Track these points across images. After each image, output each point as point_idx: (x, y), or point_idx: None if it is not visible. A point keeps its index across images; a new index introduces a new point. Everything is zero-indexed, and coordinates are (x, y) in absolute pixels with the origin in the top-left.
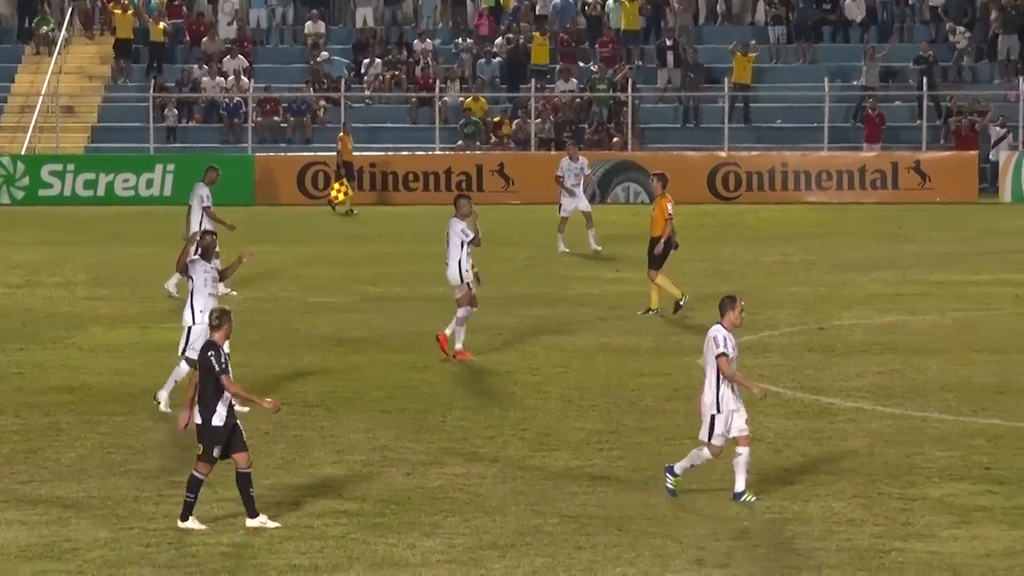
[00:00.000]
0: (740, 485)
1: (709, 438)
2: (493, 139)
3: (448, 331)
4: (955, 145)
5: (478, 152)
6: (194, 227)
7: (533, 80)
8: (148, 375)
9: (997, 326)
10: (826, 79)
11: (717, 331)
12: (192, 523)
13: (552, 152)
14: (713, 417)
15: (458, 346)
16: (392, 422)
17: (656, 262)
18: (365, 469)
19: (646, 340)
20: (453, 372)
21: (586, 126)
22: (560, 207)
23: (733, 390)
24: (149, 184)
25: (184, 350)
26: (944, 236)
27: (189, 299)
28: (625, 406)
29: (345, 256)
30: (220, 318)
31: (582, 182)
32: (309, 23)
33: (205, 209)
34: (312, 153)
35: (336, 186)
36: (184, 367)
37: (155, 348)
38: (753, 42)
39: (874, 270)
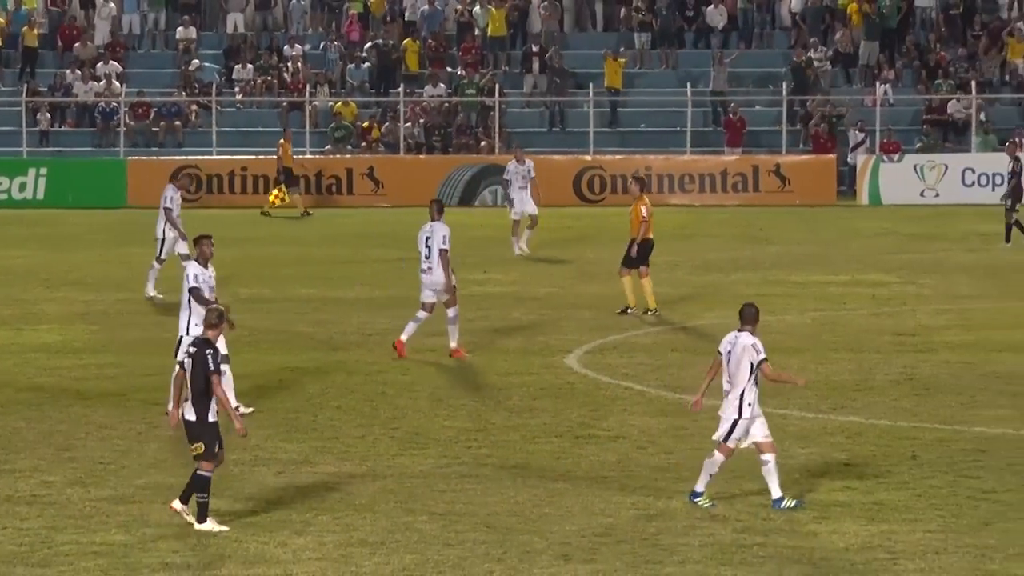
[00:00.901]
0: (776, 491)
1: (726, 440)
2: (363, 143)
3: (453, 344)
4: (814, 149)
5: (348, 156)
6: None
7: (402, 85)
8: (21, 375)
9: (855, 325)
10: (688, 84)
11: (750, 338)
12: (211, 524)
13: (422, 156)
14: (735, 422)
15: (453, 344)
16: (263, 422)
17: (636, 262)
18: (237, 468)
19: (514, 340)
20: (323, 372)
21: (454, 130)
22: (511, 211)
23: (757, 398)
24: (22, 187)
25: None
26: (804, 238)
27: (188, 307)
28: (493, 405)
29: (216, 258)
30: (220, 317)
31: (529, 185)
32: (181, 28)
33: (166, 211)
34: (184, 157)
35: (274, 192)
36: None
37: (28, 349)
38: (606, 47)
39: (736, 271)
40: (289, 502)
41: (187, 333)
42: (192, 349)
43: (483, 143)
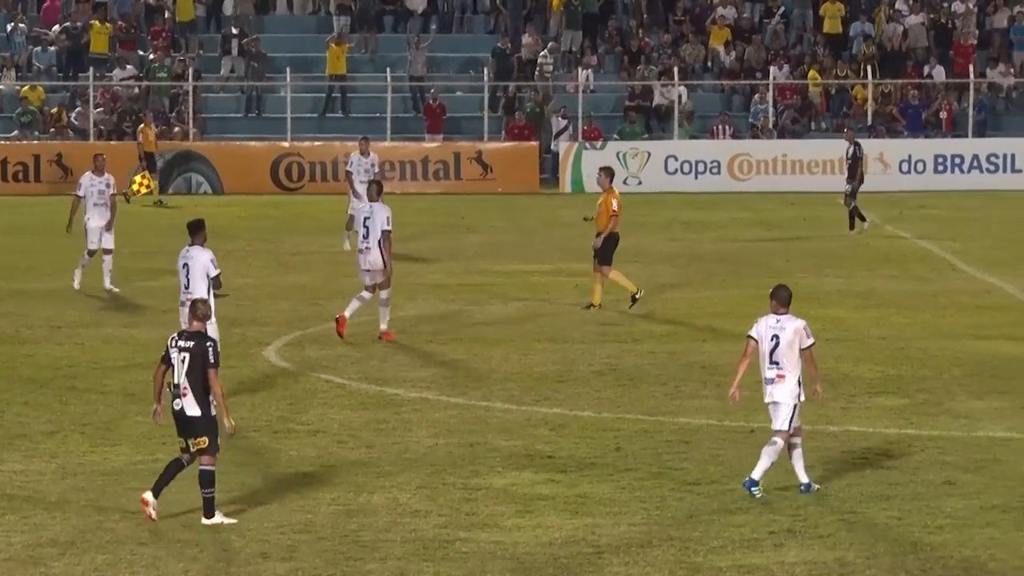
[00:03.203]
0: (758, 473)
1: (789, 427)
2: (52, 129)
3: (383, 326)
4: (516, 136)
5: (35, 142)
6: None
7: (92, 68)
8: None
9: (558, 315)
10: (388, 69)
11: (800, 321)
12: (219, 518)
13: (113, 142)
14: (795, 407)
15: (383, 327)
16: None
17: (605, 257)
18: None
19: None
20: (9, 367)
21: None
22: (349, 204)
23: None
24: None
25: None
26: (506, 226)
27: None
28: None
29: None
30: (209, 308)
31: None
32: None
33: (77, 198)
34: None
35: (137, 179)
36: None
37: None
38: (311, 33)
39: (438, 260)
40: None
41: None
42: (188, 344)
43: (176, 129)
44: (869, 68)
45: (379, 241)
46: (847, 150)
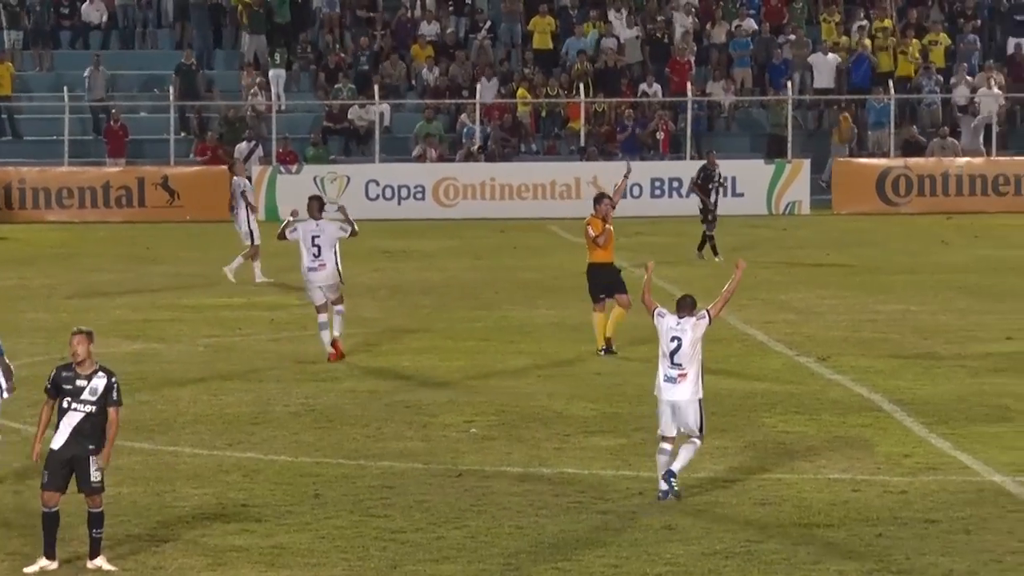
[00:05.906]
0: (678, 466)
1: (703, 425)
2: None
3: (337, 333)
4: (207, 160)
5: None
6: None
7: None
8: None
9: (252, 352)
10: (66, 88)
11: (692, 318)
12: (102, 561)
13: None
14: (700, 403)
15: (336, 333)
16: None
17: (613, 290)
18: None
19: None
20: None
21: None
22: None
23: None
24: None
25: None
26: (195, 257)
27: None
28: None
29: None
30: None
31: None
32: None
33: None
34: None
35: None
36: None
37: None
38: None
39: (120, 294)
40: None
41: None
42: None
43: None
44: (582, 86)
45: (334, 255)
46: (717, 174)
